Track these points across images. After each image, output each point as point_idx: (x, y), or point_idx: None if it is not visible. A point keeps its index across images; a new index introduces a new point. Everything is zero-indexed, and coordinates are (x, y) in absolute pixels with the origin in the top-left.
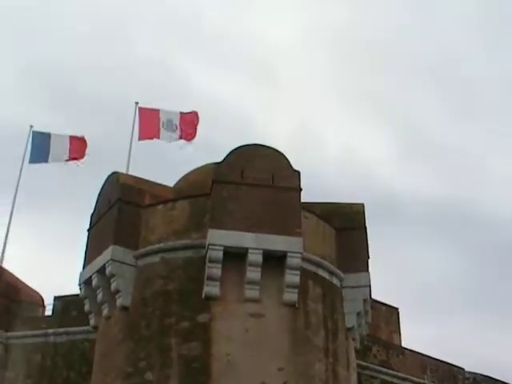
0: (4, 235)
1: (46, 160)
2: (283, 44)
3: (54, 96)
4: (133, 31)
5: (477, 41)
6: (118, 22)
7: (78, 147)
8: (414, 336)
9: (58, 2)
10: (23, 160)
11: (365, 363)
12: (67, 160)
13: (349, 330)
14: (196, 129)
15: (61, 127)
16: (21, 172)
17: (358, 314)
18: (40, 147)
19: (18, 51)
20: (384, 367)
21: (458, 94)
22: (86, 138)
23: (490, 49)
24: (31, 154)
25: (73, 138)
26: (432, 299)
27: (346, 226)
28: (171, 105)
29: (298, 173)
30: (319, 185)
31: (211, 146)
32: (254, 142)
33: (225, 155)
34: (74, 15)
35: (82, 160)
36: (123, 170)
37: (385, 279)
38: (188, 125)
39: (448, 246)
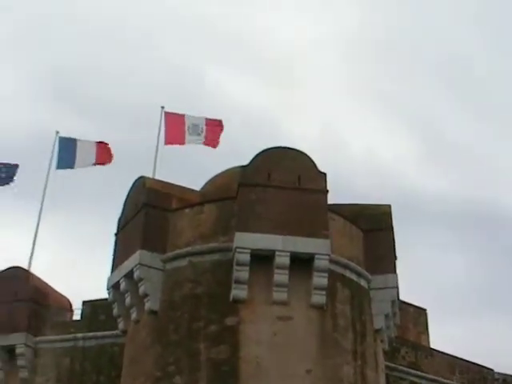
0: (32, 240)
1: (72, 166)
2: (305, 46)
3: (79, 102)
4: (158, 36)
5: (490, 40)
6: (144, 27)
7: (104, 152)
8: (442, 337)
9: (83, 9)
10: (50, 166)
11: (393, 365)
12: (94, 164)
13: (377, 331)
14: (219, 138)
15: (87, 133)
16: (47, 178)
17: (386, 315)
18: (66, 153)
19: (43, 58)
20: (412, 369)
21: (473, 93)
22: (110, 144)
23: (503, 47)
24: (58, 159)
25: (99, 144)
26: (458, 300)
27: (373, 227)
28: (196, 109)
29: (324, 174)
30: (345, 186)
31: (237, 150)
32: (280, 145)
33: (251, 158)
34: (99, 21)
35: (109, 164)
36: (149, 175)
37: (412, 280)
38: (212, 131)
39: (471, 246)
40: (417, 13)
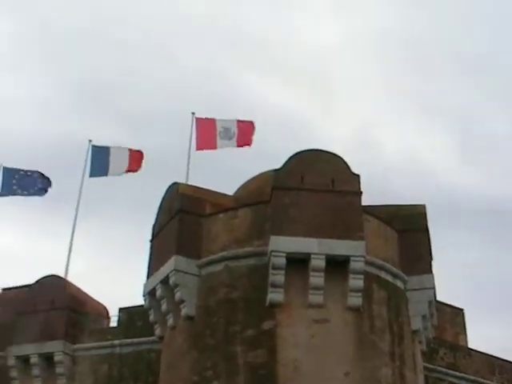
0: (67, 248)
1: (105, 173)
2: (337, 46)
3: (110, 110)
4: (187, 42)
5: None
6: (172, 35)
7: (136, 160)
8: (480, 337)
9: (110, 17)
10: (83, 174)
11: (432, 366)
12: (126, 171)
13: (414, 332)
14: (252, 137)
15: (119, 140)
16: (81, 186)
17: (424, 316)
18: (99, 161)
19: (74, 67)
20: (451, 369)
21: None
22: (143, 151)
23: None
24: (91, 168)
25: (131, 151)
26: (495, 299)
27: (408, 227)
28: (227, 114)
29: (358, 176)
30: (379, 187)
31: (269, 153)
32: (312, 147)
33: (283, 162)
34: (127, 29)
35: (139, 171)
36: (182, 180)
37: (448, 280)
38: (244, 133)
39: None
40: (451, 10)
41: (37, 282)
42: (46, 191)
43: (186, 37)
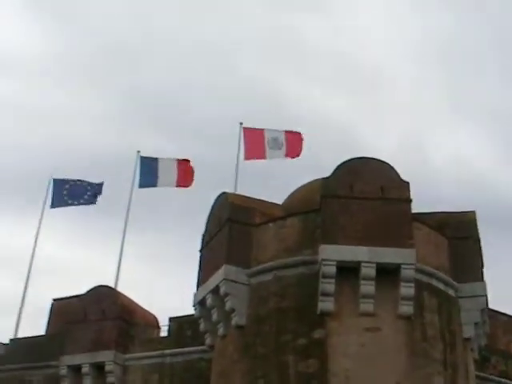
0: (117, 259)
1: (154, 184)
2: (382, 57)
3: (159, 120)
4: (234, 52)
5: None
6: (220, 44)
7: (185, 171)
8: None
9: (159, 29)
10: (132, 184)
11: (483, 374)
12: (176, 186)
13: (467, 340)
14: (301, 147)
15: (167, 151)
16: (131, 196)
17: (476, 324)
18: (148, 172)
19: (122, 77)
20: (503, 378)
21: None
22: (191, 161)
23: None
24: (140, 178)
25: (180, 162)
26: None
27: (458, 235)
28: (275, 123)
29: (408, 183)
30: (429, 194)
31: (317, 162)
32: (361, 155)
33: (332, 170)
34: (176, 40)
35: (190, 186)
36: (231, 190)
37: (501, 287)
38: (293, 143)
39: None
40: (494, 13)
41: (88, 292)
42: (96, 198)
43: (235, 47)
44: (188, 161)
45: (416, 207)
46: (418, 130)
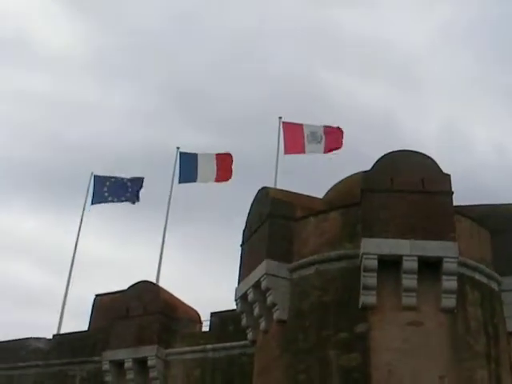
0: (159, 254)
1: (194, 179)
2: (418, 45)
3: (198, 116)
4: (272, 45)
5: None
6: (257, 38)
7: (224, 165)
8: None
9: (195, 21)
10: (172, 180)
11: None
12: (215, 181)
13: (510, 334)
14: (341, 142)
15: (206, 145)
16: (171, 192)
17: None
18: (188, 168)
19: (161, 74)
20: None
21: None
22: (231, 154)
23: None
24: (180, 174)
25: (219, 156)
26: None
27: (501, 227)
28: (314, 116)
29: (449, 176)
30: (471, 187)
31: (357, 155)
32: (402, 148)
33: (372, 163)
34: (213, 34)
35: (229, 180)
36: (271, 185)
37: None
38: (332, 137)
39: None
40: None
41: (130, 287)
42: (137, 196)
43: (275, 40)
44: (228, 154)
45: (458, 199)
46: (460, 118)
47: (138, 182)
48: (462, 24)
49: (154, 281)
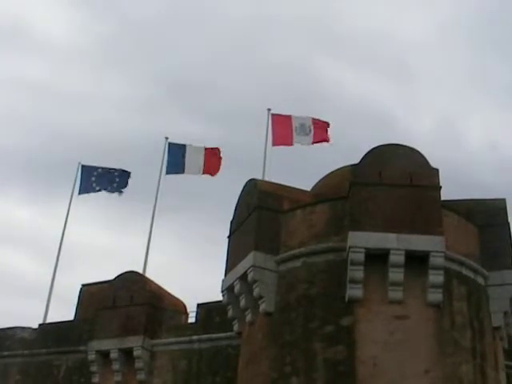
0: (145, 245)
1: (182, 171)
2: (416, 39)
3: (187, 106)
4: (265, 36)
5: None
6: (250, 29)
7: (212, 159)
8: None
9: (185, 11)
10: (161, 171)
11: None
12: (202, 173)
13: (496, 329)
14: (328, 135)
15: (195, 136)
16: (159, 182)
17: (505, 313)
18: (176, 159)
19: (150, 63)
20: None
21: None
22: (220, 149)
23: None
24: (168, 165)
25: (207, 150)
26: None
27: (488, 222)
28: (306, 107)
29: (437, 170)
30: (463, 180)
31: (348, 148)
32: (393, 142)
33: (361, 157)
34: (202, 23)
35: (216, 174)
36: (259, 176)
37: None
38: (320, 129)
39: None
40: None
41: (116, 278)
42: (124, 187)
43: (267, 30)
44: (216, 149)
45: (449, 193)
46: (454, 113)
47: (125, 175)
48: (461, 18)
49: (141, 271)
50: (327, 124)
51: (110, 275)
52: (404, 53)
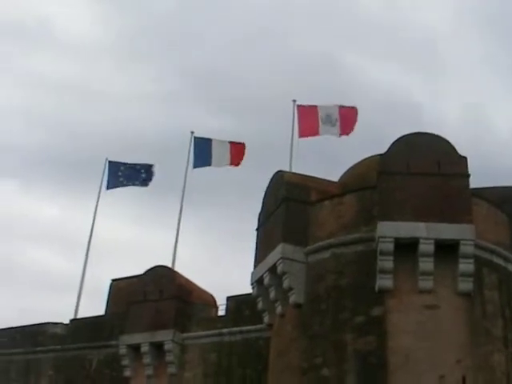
0: (174, 239)
1: (208, 164)
2: (443, 26)
3: (211, 99)
4: (290, 25)
5: None
6: (274, 17)
7: (237, 152)
8: None
9: (212, 4)
10: (187, 165)
11: None
12: (228, 165)
13: None
14: (354, 124)
15: (220, 128)
16: (186, 177)
17: None
18: (202, 152)
19: (175, 57)
20: None
21: None
22: (245, 144)
23: None
24: (194, 159)
25: (233, 144)
26: None
27: None
28: (331, 99)
29: (465, 158)
30: (491, 169)
31: (374, 138)
32: (418, 131)
33: (388, 146)
34: (228, 16)
35: (240, 165)
36: (286, 168)
37: None
38: (347, 119)
39: None
40: None
41: (146, 272)
42: (150, 180)
43: (292, 19)
44: (241, 144)
45: (479, 181)
46: (482, 100)
47: (149, 168)
48: (489, 5)
49: (170, 265)
50: (355, 110)
51: (140, 270)
52: (430, 41)
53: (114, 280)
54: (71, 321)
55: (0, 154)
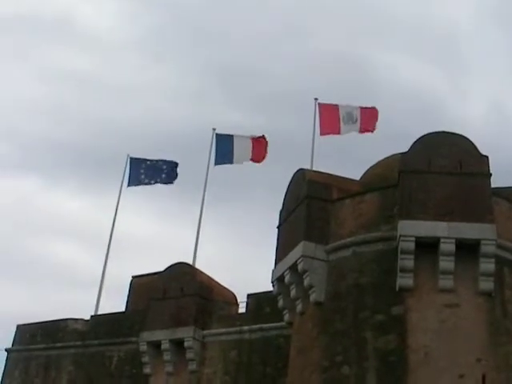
0: (195, 236)
1: (230, 161)
2: (467, 24)
3: (233, 97)
4: (311, 24)
5: None
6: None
7: (259, 148)
8: None
9: (236, 3)
10: (209, 162)
11: None
12: (250, 160)
13: None
14: (375, 123)
15: (241, 124)
16: (207, 173)
17: None
18: (224, 149)
19: (198, 55)
20: None
21: None
22: (266, 137)
23: None
24: (216, 156)
25: (254, 139)
26: None
27: None
28: (354, 96)
29: (487, 157)
30: None
31: (395, 136)
32: (439, 130)
33: (410, 145)
34: (253, 14)
35: (263, 161)
36: (307, 166)
37: None
38: (367, 118)
39: None
40: None
41: (167, 269)
42: (175, 178)
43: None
44: (263, 137)
45: (501, 180)
46: (507, 98)
47: (172, 165)
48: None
49: (191, 262)
50: (376, 110)
51: (160, 266)
52: (454, 38)
53: (134, 277)
54: (92, 317)
55: (26, 151)
